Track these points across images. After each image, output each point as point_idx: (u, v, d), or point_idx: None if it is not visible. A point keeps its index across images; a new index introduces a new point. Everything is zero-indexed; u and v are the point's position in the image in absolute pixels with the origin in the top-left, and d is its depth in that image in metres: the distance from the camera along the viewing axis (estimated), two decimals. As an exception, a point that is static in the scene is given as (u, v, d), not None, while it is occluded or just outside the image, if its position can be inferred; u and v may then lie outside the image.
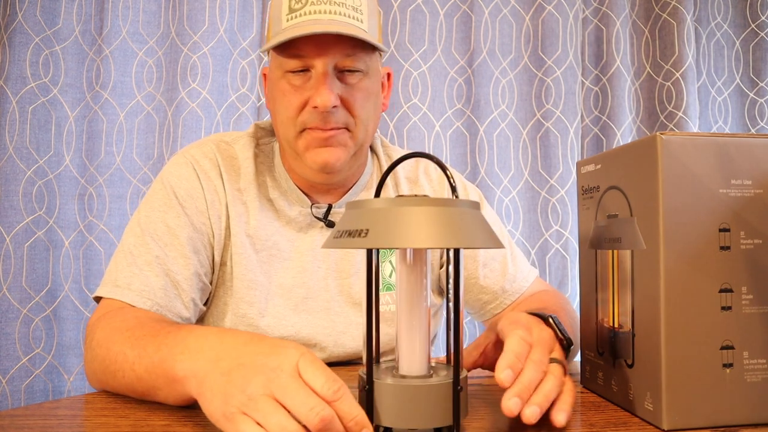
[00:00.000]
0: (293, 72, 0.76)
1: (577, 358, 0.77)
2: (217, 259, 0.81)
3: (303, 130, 0.77)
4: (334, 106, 0.74)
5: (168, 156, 1.38)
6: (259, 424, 0.43)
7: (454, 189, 0.53)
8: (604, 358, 0.62)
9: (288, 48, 0.74)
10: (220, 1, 1.40)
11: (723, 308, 0.52)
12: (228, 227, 0.81)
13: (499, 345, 0.60)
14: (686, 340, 0.51)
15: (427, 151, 1.49)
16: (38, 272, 1.33)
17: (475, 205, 0.49)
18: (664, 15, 1.57)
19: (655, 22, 1.60)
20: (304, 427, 0.43)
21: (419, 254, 0.51)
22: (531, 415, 0.49)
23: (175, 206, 0.78)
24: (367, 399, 0.47)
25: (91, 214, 1.36)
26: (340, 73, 0.76)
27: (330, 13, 0.73)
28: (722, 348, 0.52)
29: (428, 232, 0.44)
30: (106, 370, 0.62)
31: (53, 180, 1.35)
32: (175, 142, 1.37)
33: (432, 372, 0.51)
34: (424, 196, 0.48)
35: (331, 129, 0.76)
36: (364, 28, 0.75)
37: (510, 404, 0.49)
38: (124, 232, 0.79)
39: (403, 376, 0.50)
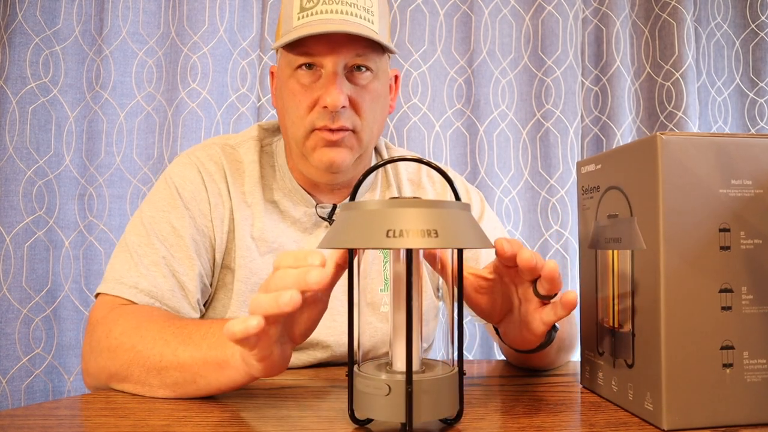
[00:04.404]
0: (302, 69, 0.76)
1: (577, 358, 0.77)
2: (218, 261, 0.81)
3: (312, 131, 0.77)
4: (343, 107, 0.75)
5: (168, 156, 1.38)
6: None
7: (455, 193, 0.54)
8: (604, 358, 0.62)
9: (298, 46, 0.74)
10: (220, 1, 1.40)
11: (723, 308, 0.52)
12: (232, 230, 0.81)
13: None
14: (686, 340, 0.51)
15: (427, 151, 1.49)
16: (38, 272, 1.33)
17: (466, 207, 0.50)
18: (664, 15, 1.57)
19: (655, 22, 1.60)
20: None
21: (415, 253, 0.51)
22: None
23: (179, 207, 0.78)
24: (407, 400, 0.47)
25: (91, 214, 1.36)
26: (350, 72, 0.77)
27: (342, 13, 0.73)
28: (722, 348, 0.52)
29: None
30: (138, 355, 0.61)
31: (53, 180, 1.35)
32: (175, 142, 1.37)
33: (424, 368, 0.52)
34: (416, 198, 0.49)
35: (339, 130, 0.76)
36: (375, 29, 0.75)
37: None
38: (125, 229, 0.79)
39: (398, 373, 0.50)
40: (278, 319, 0.51)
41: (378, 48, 0.77)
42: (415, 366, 0.50)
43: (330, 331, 0.82)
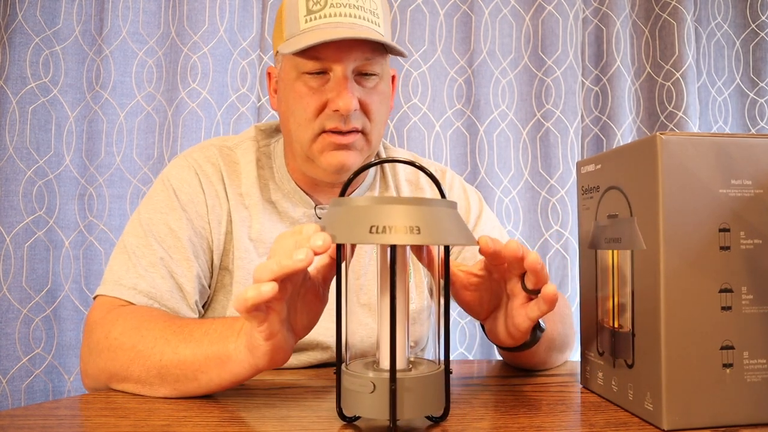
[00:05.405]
0: (311, 74, 0.76)
1: (577, 357, 0.77)
2: (216, 263, 0.81)
3: (320, 133, 0.77)
4: (354, 110, 0.75)
5: (168, 156, 1.38)
6: None
7: (440, 190, 0.55)
8: (604, 358, 0.62)
9: (307, 50, 0.74)
10: (220, 1, 1.40)
11: (723, 308, 0.52)
12: (230, 232, 0.81)
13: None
14: (686, 340, 0.51)
15: (427, 151, 1.49)
16: (38, 272, 1.33)
17: (452, 205, 0.50)
18: (664, 15, 1.57)
19: (655, 22, 1.60)
20: None
21: (400, 251, 0.51)
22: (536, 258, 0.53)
23: (176, 208, 0.78)
24: (391, 398, 0.47)
25: (91, 214, 1.36)
26: (358, 76, 0.77)
27: (350, 16, 0.73)
28: (722, 348, 0.52)
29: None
30: (138, 355, 0.61)
31: (53, 180, 1.35)
32: (175, 142, 1.37)
33: (411, 366, 0.52)
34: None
35: (349, 132, 0.76)
36: (382, 32, 0.76)
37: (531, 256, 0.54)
38: (124, 230, 0.79)
39: (383, 371, 0.50)
40: (288, 285, 0.50)
41: (383, 50, 0.77)
42: (401, 364, 0.50)
43: (330, 332, 0.82)
